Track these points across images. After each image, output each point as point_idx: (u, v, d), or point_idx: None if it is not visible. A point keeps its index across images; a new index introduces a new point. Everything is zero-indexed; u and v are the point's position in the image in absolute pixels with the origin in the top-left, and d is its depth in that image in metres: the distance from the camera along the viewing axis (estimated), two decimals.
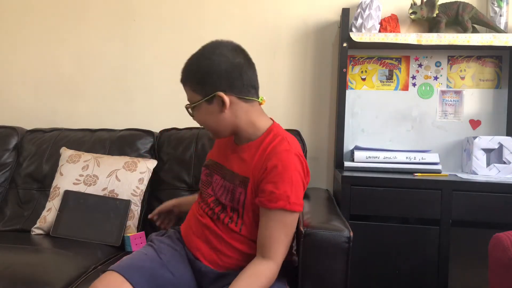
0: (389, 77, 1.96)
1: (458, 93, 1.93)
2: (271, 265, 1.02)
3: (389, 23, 1.82)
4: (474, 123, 1.91)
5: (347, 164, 1.76)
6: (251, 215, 1.08)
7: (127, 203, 1.61)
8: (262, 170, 1.04)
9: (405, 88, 1.95)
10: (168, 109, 2.05)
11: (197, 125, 1.21)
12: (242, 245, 1.09)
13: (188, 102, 1.11)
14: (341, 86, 1.81)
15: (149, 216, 1.38)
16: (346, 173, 1.63)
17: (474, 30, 1.82)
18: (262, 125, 1.11)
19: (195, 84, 1.07)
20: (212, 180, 1.16)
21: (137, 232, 1.61)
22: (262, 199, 1.03)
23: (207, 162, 1.23)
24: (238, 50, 1.11)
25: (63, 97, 2.15)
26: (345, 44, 1.79)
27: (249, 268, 1.02)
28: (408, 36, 1.75)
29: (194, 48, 1.22)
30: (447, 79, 1.93)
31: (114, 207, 1.60)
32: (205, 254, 1.12)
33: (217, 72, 1.05)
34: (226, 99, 1.04)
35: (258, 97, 1.11)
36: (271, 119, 1.16)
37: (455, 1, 1.80)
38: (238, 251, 1.09)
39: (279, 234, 1.02)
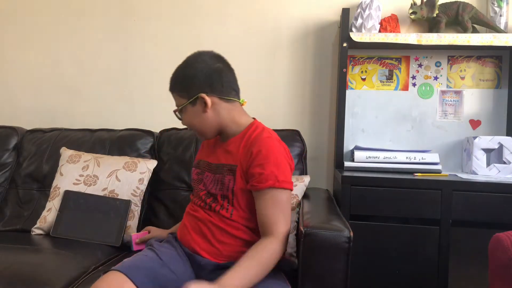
0: (389, 77, 1.96)
1: (458, 93, 1.93)
2: (271, 240, 1.07)
3: (389, 23, 1.82)
4: (474, 123, 1.91)
5: (347, 164, 1.76)
6: (240, 200, 1.15)
7: (127, 203, 1.61)
8: (248, 156, 1.13)
9: (405, 88, 1.95)
10: (168, 109, 2.01)
11: None
12: (236, 231, 1.15)
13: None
14: (341, 86, 1.81)
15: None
16: (346, 173, 1.63)
17: (474, 30, 1.82)
18: (244, 122, 1.22)
19: (180, 90, 1.20)
20: (203, 177, 1.24)
21: (138, 231, 1.61)
22: (253, 182, 1.11)
23: (197, 163, 1.31)
24: (217, 57, 1.23)
25: (63, 97, 2.15)
26: (345, 44, 1.79)
27: (252, 247, 1.07)
28: (408, 36, 1.75)
29: (194, 48, 1.24)
30: (447, 79, 1.93)
31: (114, 207, 1.59)
32: (202, 246, 1.16)
33: (199, 76, 1.17)
34: (208, 99, 1.16)
35: (239, 99, 1.23)
36: (253, 118, 1.27)
37: (455, 1, 1.80)
38: (233, 236, 1.14)
39: (274, 211, 1.09)
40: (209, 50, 1.23)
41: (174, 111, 1.24)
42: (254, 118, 1.26)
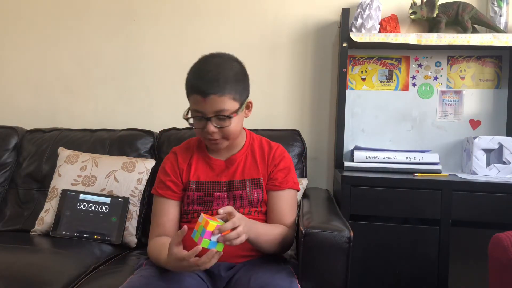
0: (389, 77, 1.96)
1: (458, 93, 1.93)
2: (285, 228, 1.19)
3: (389, 23, 1.82)
4: (474, 123, 1.91)
5: (347, 164, 1.76)
6: (265, 207, 1.25)
7: (126, 200, 1.61)
8: (272, 164, 1.24)
9: (405, 88, 1.95)
10: (168, 109, 2.05)
11: None
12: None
13: (214, 114, 1.10)
14: (341, 86, 1.81)
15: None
16: (346, 173, 1.63)
17: (474, 30, 1.82)
18: (243, 131, 1.28)
19: (236, 93, 1.11)
20: (213, 198, 1.21)
21: (138, 232, 1.60)
22: (276, 183, 1.22)
23: (193, 186, 1.21)
24: (235, 58, 1.20)
25: (63, 97, 2.15)
26: (345, 44, 1.79)
27: (273, 224, 1.20)
28: (408, 36, 1.75)
29: (194, 48, 1.23)
30: (447, 79, 1.93)
31: (114, 205, 1.59)
32: (226, 254, 1.11)
33: (246, 79, 1.18)
34: (252, 103, 1.20)
35: None
36: None
37: (455, 1, 1.80)
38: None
39: (289, 207, 1.24)
40: (224, 53, 1.19)
41: (224, 116, 1.10)
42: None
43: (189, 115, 1.15)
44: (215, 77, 1.08)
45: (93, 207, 1.59)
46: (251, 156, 1.24)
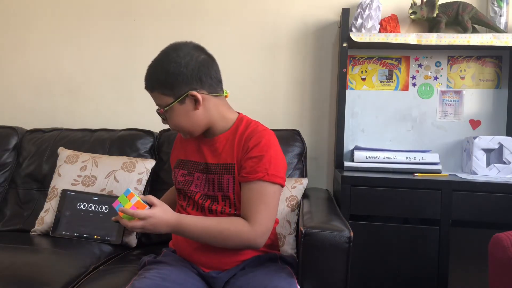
0: (389, 77, 1.96)
1: (458, 93, 1.93)
2: (246, 224, 1.07)
3: (389, 23, 1.82)
4: (474, 123, 1.91)
5: (347, 164, 1.76)
6: (240, 198, 1.12)
7: None
8: (244, 150, 1.11)
9: (405, 88, 1.95)
10: None
11: None
12: None
13: (157, 108, 1.13)
14: (341, 86, 1.81)
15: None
16: (346, 173, 1.63)
17: (474, 30, 1.82)
18: (231, 117, 1.18)
19: (164, 88, 1.10)
20: (194, 178, 1.18)
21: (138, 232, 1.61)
22: (243, 172, 1.10)
23: (180, 163, 1.24)
24: (199, 48, 1.14)
25: (63, 97, 2.15)
26: (345, 44, 1.79)
27: (229, 217, 1.11)
28: (408, 36, 1.75)
29: None
30: (447, 79, 1.93)
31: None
32: (209, 264, 1.13)
33: (186, 71, 1.08)
34: (199, 96, 1.09)
35: (223, 92, 1.17)
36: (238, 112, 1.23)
37: (455, 1, 1.80)
38: None
39: (257, 201, 1.08)
40: (188, 41, 1.15)
41: (158, 112, 1.14)
42: (239, 113, 1.22)
43: None
44: (148, 73, 1.13)
45: (93, 207, 1.59)
46: (232, 140, 1.15)
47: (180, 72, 1.08)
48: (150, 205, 1.04)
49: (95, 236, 1.55)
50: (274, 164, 1.10)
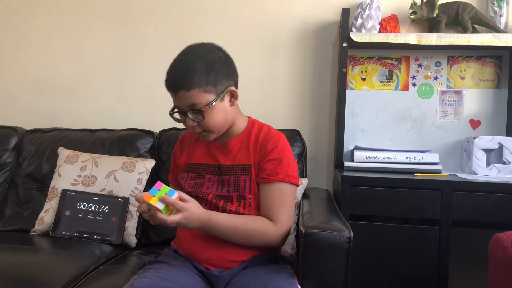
0: (389, 77, 1.96)
1: (458, 93, 1.92)
2: (271, 224, 1.10)
3: (389, 23, 1.82)
4: (474, 123, 1.91)
5: (347, 164, 1.76)
6: (256, 198, 1.15)
7: (126, 200, 1.61)
8: (262, 152, 1.14)
9: (405, 88, 1.95)
10: (168, 109, 2.03)
11: None
12: None
13: (187, 109, 1.10)
14: (341, 86, 1.81)
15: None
16: (346, 173, 1.63)
17: (474, 30, 1.82)
18: (244, 119, 1.21)
19: (207, 85, 1.06)
20: (204, 180, 1.19)
21: (138, 232, 1.60)
22: (263, 174, 1.13)
23: (189, 166, 1.23)
24: (218, 47, 1.15)
25: (63, 97, 2.15)
26: (345, 44, 1.79)
27: (255, 216, 1.13)
28: (408, 36, 1.75)
29: None
30: (447, 79, 1.93)
31: (113, 205, 1.59)
32: (214, 260, 1.12)
33: (223, 67, 1.09)
34: (237, 91, 1.11)
35: None
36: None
37: (455, 1, 1.80)
38: None
39: (279, 201, 1.12)
40: (208, 42, 1.15)
41: (197, 110, 1.06)
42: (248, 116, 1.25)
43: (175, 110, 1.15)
44: (181, 72, 1.07)
45: (93, 207, 1.59)
46: (246, 143, 1.17)
47: (218, 67, 1.07)
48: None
49: (95, 236, 1.55)
50: (292, 166, 1.16)
